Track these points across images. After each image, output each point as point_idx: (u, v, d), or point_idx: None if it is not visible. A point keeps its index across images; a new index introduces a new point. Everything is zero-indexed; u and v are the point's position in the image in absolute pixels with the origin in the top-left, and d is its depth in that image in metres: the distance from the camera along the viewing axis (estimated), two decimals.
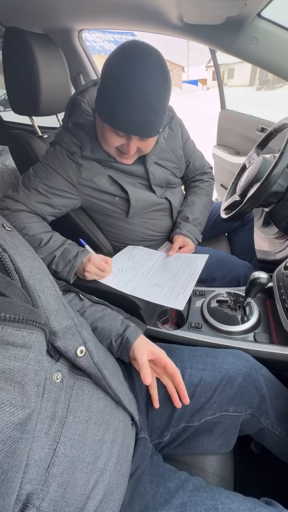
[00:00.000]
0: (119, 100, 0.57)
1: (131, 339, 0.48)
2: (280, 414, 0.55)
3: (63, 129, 0.76)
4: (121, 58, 0.56)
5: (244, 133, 1.52)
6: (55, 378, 0.31)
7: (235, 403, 0.51)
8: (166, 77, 0.58)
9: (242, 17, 0.72)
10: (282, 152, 0.66)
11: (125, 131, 0.61)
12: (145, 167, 0.79)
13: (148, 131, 0.62)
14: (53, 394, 0.30)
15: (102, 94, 0.61)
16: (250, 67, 15.31)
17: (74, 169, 0.73)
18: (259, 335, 0.65)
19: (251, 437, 0.61)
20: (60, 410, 0.30)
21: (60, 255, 0.70)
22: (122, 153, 0.69)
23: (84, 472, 0.30)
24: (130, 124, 0.60)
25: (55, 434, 0.28)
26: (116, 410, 0.39)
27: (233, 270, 0.89)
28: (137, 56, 0.54)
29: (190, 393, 0.52)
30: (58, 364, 0.32)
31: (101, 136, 0.68)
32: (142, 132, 0.62)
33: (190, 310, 0.76)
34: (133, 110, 0.57)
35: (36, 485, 0.25)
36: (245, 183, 0.84)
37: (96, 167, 0.74)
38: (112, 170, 0.76)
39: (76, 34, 1.18)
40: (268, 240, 1.40)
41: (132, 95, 0.55)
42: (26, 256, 0.32)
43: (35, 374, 0.24)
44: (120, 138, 0.65)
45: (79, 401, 0.33)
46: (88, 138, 0.71)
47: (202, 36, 0.85)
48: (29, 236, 0.70)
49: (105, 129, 0.64)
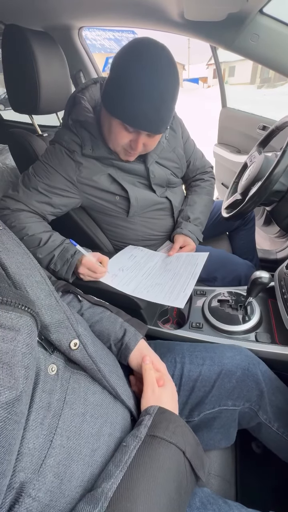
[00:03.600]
0: (133, 94, 0.56)
1: (130, 345, 0.48)
2: (278, 410, 0.56)
3: (63, 127, 0.76)
4: (135, 53, 0.56)
5: (245, 131, 1.51)
6: (50, 370, 0.31)
7: (233, 397, 0.52)
8: (176, 74, 0.58)
9: (243, 13, 0.71)
10: (284, 151, 0.65)
11: (136, 126, 0.61)
12: (146, 166, 0.78)
13: (159, 127, 0.62)
14: (48, 385, 0.30)
15: (112, 88, 0.60)
16: (251, 65, 15.21)
17: (74, 168, 0.72)
18: (261, 335, 0.64)
19: (252, 437, 0.61)
20: (56, 401, 0.30)
21: (59, 254, 0.70)
22: (127, 151, 0.69)
23: (81, 464, 0.31)
24: (142, 119, 0.59)
25: (50, 425, 0.29)
26: (114, 405, 0.39)
27: (234, 269, 0.89)
28: (150, 51, 0.55)
29: (189, 387, 0.52)
30: (52, 357, 0.33)
31: (108, 133, 0.67)
32: (154, 128, 0.62)
33: (191, 310, 0.75)
34: (146, 104, 0.57)
35: (30, 474, 0.26)
36: (247, 182, 0.83)
37: (96, 166, 0.74)
38: (112, 169, 0.75)
39: (76, 31, 1.17)
40: (269, 239, 1.39)
41: (147, 89, 0.55)
42: (15, 253, 0.33)
43: (23, 357, 0.24)
44: (129, 134, 0.64)
45: (76, 394, 0.34)
46: (88, 136, 0.71)
47: (203, 33, 0.85)
48: (29, 236, 0.70)
49: (113, 125, 0.63)
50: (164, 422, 0.36)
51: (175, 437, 0.34)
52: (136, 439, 0.34)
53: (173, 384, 0.46)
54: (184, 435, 0.36)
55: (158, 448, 0.33)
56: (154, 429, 0.35)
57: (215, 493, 0.44)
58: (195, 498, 0.41)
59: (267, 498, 0.60)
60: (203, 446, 0.51)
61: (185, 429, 0.37)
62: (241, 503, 0.42)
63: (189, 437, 0.36)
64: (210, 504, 0.40)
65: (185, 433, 0.36)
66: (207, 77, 38.62)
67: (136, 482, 0.29)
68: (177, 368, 0.55)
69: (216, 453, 0.54)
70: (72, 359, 0.35)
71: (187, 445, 0.35)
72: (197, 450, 0.36)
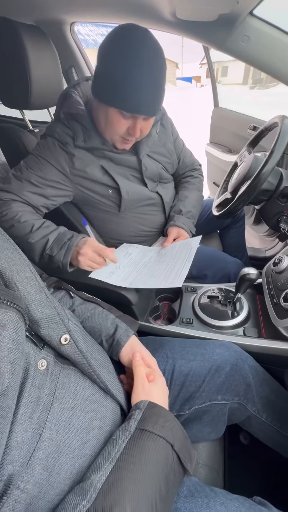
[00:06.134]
0: (126, 79, 0.57)
1: (121, 341, 0.49)
2: (265, 401, 0.58)
3: (55, 121, 0.76)
4: (121, 40, 0.57)
5: (236, 131, 1.53)
6: (39, 365, 0.32)
7: (223, 391, 0.53)
8: (162, 54, 0.60)
9: (234, 15, 0.72)
10: (272, 151, 0.67)
11: (135, 111, 0.62)
12: (138, 158, 0.79)
13: (156, 108, 0.64)
14: (38, 380, 0.30)
15: (104, 79, 0.61)
16: (243, 66, 15.32)
17: (67, 160, 0.72)
18: (249, 330, 0.66)
19: (240, 429, 0.63)
20: (45, 396, 0.31)
21: (55, 239, 0.68)
22: (125, 139, 0.70)
23: (70, 457, 0.31)
24: (139, 104, 0.61)
25: (40, 419, 0.29)
26: (104, 399, 0.40)
27: (224, 267, 0.91)
28: (136, 36, 0.57)
29: (180, 382, 0.53)
30: (42, 352, 0.33)
31: (105, 124, 0.68)
32: (151, 110, 0.63)
33: (182, 306, 0.77)
34: (140, 88, 0.58)
35: (18, 467, 0.26)
36: (236, 180, 0.85)
37: (88, 157, 0.74)
38: (104, 160, 0.76)
39: (68, 27, 1.16)
40: (259, 238, 1.42)
41: (139, 73, 0.57)
42: (4, 248, 0.32)
43: (9, 352, 0.25)
44: (126, 121, 0.65)
45: (65, 388, 0.34)
46: (80, 128, 0.71)
47: (195, 32, 0.85)
48: (20, 223, 0.68)
49: (110, 114, 0.64)
50: (153, 417, 0.37)
51: (164, 431, 0.35)
52: (126, 432, 0.35)
53: (163, 379, 0.47)
54: (173, 429, 0.37)
55: (147, 442, 0.34)
56: (143, 423, 0.36)
57: (203, 482, 0.45)
58: (183, 487, 0.42)
59: (252, 485, 0.62)
60: (192, 439, 0.53)
61: (174, 424, 0.38)
62: (228, 491, 0.44)
63: (178, 431, 0.37)
64: (198, 492, 0.42)
65: (174, 427, 0.37)
66: (201, 76, 38.72)
67: (125, 474, 0.30)
68: (168, 363, 0.56)
69: (204, 444, 0.56)
70: (62, 354, 0.36)
71: (175, 439, 0.35)
72: (185, 444, 0.37)
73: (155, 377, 0.46)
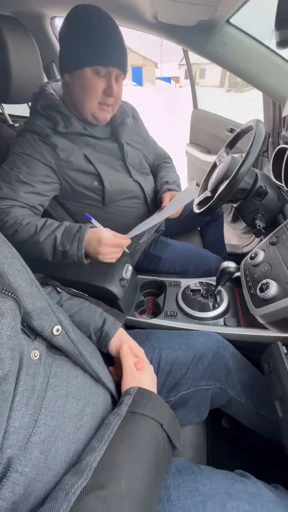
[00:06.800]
0: (92, 35, 0.62)
1: (110, 333, 0.50)
2: (245, 385, 0.63)
3: (32, 115, 0.76)
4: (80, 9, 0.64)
5: (214, 132, 1.60)
6: (32, 355, 0.33)
7: (206, 377, 0.57)
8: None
9: (213, 21, 0.76)
10: (247, 153, 0.72)
11: (105, 61, 0.64)
12: (119, 144, 0.82)
13: (124, 62, 0.68)
14: (32, 369, 0.32)
15: (70, 46, 0.65)
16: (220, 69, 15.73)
17: (50, 152, 0.72)
18: (229, 320, 0.71)
19: (222, 414, 0.68)
20: (39, 384, 0.32)
21: (63, 235, 0.66)
22: (103, 104, 0.71)
23: (65, 441, 0.33)
24: (108, 53, 0.64)
25: (35, 405, 0.30)
26: (96, 387, 0.41)
27: (206, 263, 0.95)
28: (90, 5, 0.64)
29: (166, 371, 0.56)
30: (35, 343, 0.34)
31: (82, 93, 0.69)
32: (120, 62, 0.67)
33: (166, 300, 0.80)
34: (106, 39, 0.63)
35: (17, 451, 0.27)
36: (216, 180, 0.90)
37: (71, 147, 0.74)
38: (87, 148, 0.77)
39: (49, 21, 1.13)
40: (237, 235, 1.50)
41: (102, 27, 0.62)
42: None
43: (8, 339, 0.26)
44: (101, 82, 0.67)
45: (58, 377, 0.35)
46: (59, 115, 0.73)
47: (175, 36, 0.88)
48: (23, 226, 0.66)
49: (84, 78, 0.66)
50: (143, 400, 0.39)
51: (154, 412, 0.37)
52: (118, 416, 0.36)
53: (151, 367, 0.49)
54: (162, 410, 0.39)
55: (138, 423, 0.36)
56: (134, 406, 0.38)
57: (189, 461, 0.48)
58: (171, 466, 0.45)
59: (233, 462, 0.67)
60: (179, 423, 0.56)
61: (163, 406, 0.40)
62: (212, 467, 0.47)
63: (166, 411, 0.40)
64: (185, 469, 0.45)
65: (162, 409, 0.39)
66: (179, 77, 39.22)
67: (119, 453, 0.32)
68: (155, 353, 0.58)
69: (190, 428, 0.60)
70: (54, 344, 0.37)
71: (164, 419, 0.38)
72: (174, 423, 0.40)
73: (143, 365, 0.48)
